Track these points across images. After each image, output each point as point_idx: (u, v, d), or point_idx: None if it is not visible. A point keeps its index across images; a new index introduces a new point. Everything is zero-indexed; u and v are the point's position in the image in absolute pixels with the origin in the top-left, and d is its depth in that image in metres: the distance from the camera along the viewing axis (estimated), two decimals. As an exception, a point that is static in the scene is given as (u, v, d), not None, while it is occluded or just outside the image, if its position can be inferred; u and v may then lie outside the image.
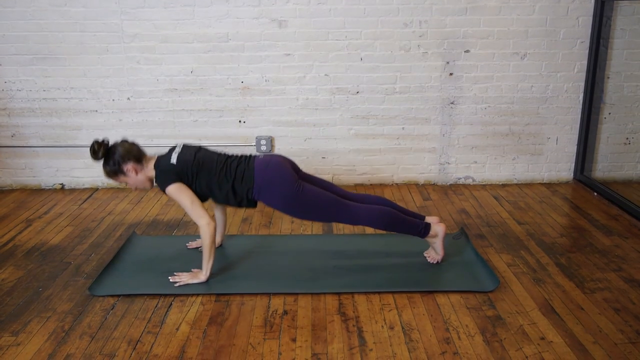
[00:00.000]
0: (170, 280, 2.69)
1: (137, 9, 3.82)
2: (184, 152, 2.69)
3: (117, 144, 2.67)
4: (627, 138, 4.13)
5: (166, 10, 3.83)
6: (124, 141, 2.70)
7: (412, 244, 3.03)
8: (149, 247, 3.12)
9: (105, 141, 2.65)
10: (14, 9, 3.81)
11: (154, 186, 2.76)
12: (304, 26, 3.87)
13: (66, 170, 4.17)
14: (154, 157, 2.73)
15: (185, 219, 3.53)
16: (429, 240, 2.85)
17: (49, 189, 4.20)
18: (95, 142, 2.63)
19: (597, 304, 2.50)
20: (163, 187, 2.63)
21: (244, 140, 4.11)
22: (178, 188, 2.62)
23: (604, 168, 4.19)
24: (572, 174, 4.24)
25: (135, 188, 2.76)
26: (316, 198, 2.65)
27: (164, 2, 3.81)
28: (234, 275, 2.77)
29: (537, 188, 4.14)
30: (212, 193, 2.70)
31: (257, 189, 2.64)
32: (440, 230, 2.82)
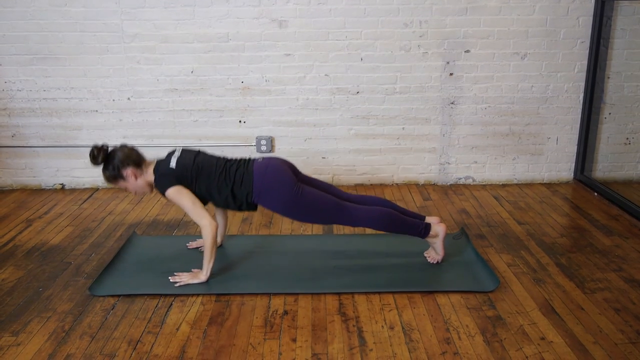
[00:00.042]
0: (170, 280, 2.69)
1: (137, 9, 3.82)
2: (183, 157, 2.69)
3: (117, 149, 2.67)
4: (627, 138, 4.13)
5: (166, 10, 3.83)
6: (124, 146, 2.70)
7: (412, 244, 3.03)
8: (149, 247, 3.12)
9: (104, 146, 2.65)
10: (14, 9, 3.81)
11: (153, 191, 2.76)
12: (304, 26, 3.87)
13: (66, 170, 4.17)
14: (153, 161, 2.73)
15: (186, 219, 3.53)
16: (430, 240, 2.84)
17: (49, 189, 4.20)
18: (95, 147, 2.62)
19: (597, 304, 2.50)
20: (163, 191, 2.63)
21: (244, 140, 4.11)
22: (178, 190, 2.61)
23: (604, 168, 4.19)
24: (573, 174, 4.24)
25: (135, 193, 2.76)
26: (316, 201, 2.65)
27: (164, 2, 3.81)
28: (234, 276, 2.77)
29: (538, 188, 4.14)
30: (212, 197, 2.70)
31: (256, 192, 2.64)
32: (440, 230, 2.82)
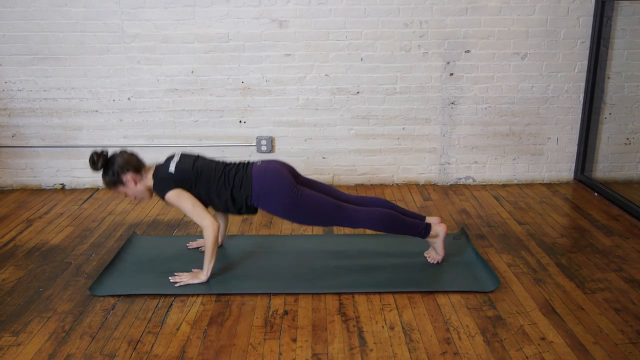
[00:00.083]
0: (170, 280, 2.69)
1: (137, 9, 3.82)
2: (182, 161, 2.69)
3: (116, 155, 2.67)
4: (627, 138, 4.13)
5: (167, 11, 3.83)
6: (123, 152, 2.70)
7: (412, 244, 3.03)
8: (149, 247, 3.12)
9: (104, 152, 2.65)
10: (15, 9, 3.81)
11: (153, 196, 2.76)
12: (305, 26, 3.87)
13: (67, 170, 4.17)
14: (152, 166, 2.73)
15: (186, 220, 3.53)
16: (430, 240, 2.84)
17: (50, 189, 4.20)
18: (95, 153, 2.63)
19: (597, 304, 2.50)
20: (162, 195, 2.64)
21: (244, 140, 4.11)
22: (177, 194, 2.62)
23: (604, 168, 4.19)
24: (573, 174, 4.24)
25: (134, 198, 2.76)
26: (315, 203, 2.65)
27: (164, 2, 3.81)
28: (234, 276, 2.77)
29: (538, 188, 4.14)
30: (212, 201, 2.70)
31: (255, 196, 2.64)
32: (441, 230, 2.82)
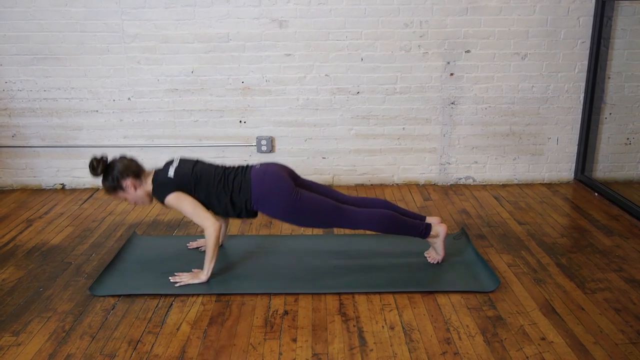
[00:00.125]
0: (170, 280, 2.69)
1: (137, 9, 3.82)
2: (181, 166, 2.69)
3: (116, 160, 2.68)
4: (627, 138, 4.13)
5: (167, 11, 3.83)
6: (123, 157, 2.71)
7: (412, 244, 3.02)
8: (149, 247, 3.12)
9: (104, 157, 2.66)
10: (15, 9, 3.81)
11: (152, 201, 2.76)
12: (305, 26, 3.87)
13: (67, 170, 4.17)
14: (152, 171, 2.74)
15: (186, 220, 3.53)
16: (430, 240, 2.84)
17: (50, 189, 4.20)
18: (94, 158, 2.63)
19: (597, 304, 2.50)
20: (162, 199, 2.64)
21: (244, 140, 4.11)
22: (177, 197, 2.62)
23: (604, 168, 4.19)
24: (573, 174, 4.23)
25: (134, 203, 2.76)
26: (315, 205, 2.65)
27: (164, 2, 3.81)
28: (234, 276, 2.77)
29: (538, 188, 4.13)
30: (211, 205, 2.70)
31: (255, 200, 2.64)
32: (441, 230, 2.82)
